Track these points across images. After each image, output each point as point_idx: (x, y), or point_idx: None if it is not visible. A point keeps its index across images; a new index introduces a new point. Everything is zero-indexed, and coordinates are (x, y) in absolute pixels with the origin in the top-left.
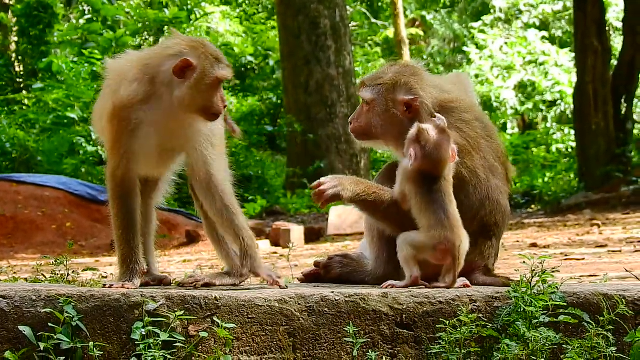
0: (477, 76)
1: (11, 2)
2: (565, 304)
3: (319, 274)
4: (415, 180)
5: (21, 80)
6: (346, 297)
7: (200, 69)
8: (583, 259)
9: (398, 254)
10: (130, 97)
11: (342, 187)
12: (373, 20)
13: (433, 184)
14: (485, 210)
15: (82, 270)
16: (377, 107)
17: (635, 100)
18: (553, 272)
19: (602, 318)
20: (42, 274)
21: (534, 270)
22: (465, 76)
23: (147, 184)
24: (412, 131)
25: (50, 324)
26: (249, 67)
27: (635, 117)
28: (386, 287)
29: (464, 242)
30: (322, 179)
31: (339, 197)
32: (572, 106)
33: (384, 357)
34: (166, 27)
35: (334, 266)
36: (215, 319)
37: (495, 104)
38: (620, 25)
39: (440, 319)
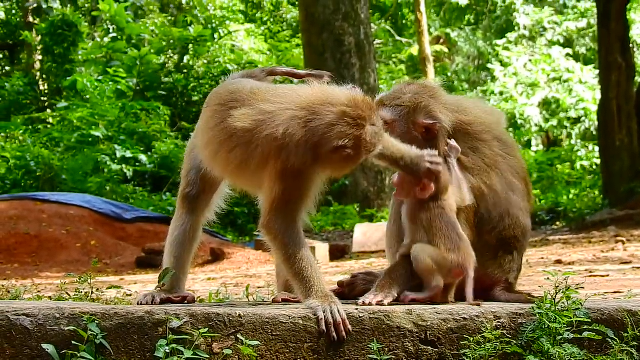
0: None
1: (36, 21)
2: (589, 321)
3: (343, 292)
4: (429, 207)
5: (46, 98)
6: (370, 313)
7: (358, 150)
8: (607, 275)
9: (416, 264)
10: (299, 162)
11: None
12: (397, 38)
13: (441, 208)
14: (504, 224)
15: (107, 289)
16: (398, 129)
17: None
18: (577, 288)
19: (626, 334)
20: (66, 292)
21: (557, 286)
22: (500, 114)
23: (201, 199)
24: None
25: (73, 342)
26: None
27: None
28: (409, 301)
29: (474, 259)
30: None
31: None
32: (596, 123)
33: None
34: (191, 45)
35: (358, 284)
36: (239, 336)
37: (519, 121)
38: None
39: (465, 336)
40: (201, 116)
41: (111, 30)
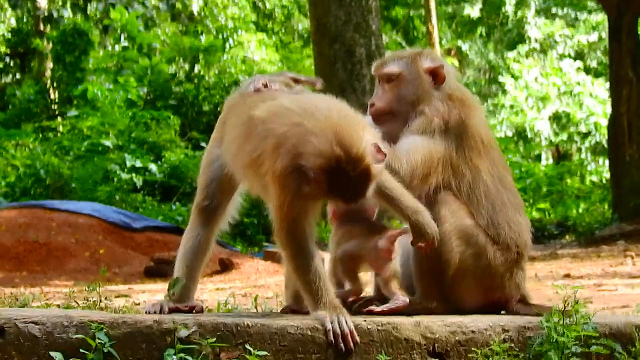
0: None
1: (47, 29)
2: (597, 335)
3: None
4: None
5: (56, 107)
6: (378, 325)
7: (315, 190)
8: (616, 289)
9: (335, 269)
10: (283, 168)
11: None
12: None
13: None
14: (514, 233)
15: (115, 297)
16: (408, 76)
17: None
18: (586, 302)
19: (633, 348)
20: (75, 301)
21: (566, 300)
22: None
23: (218, 212)
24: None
25: (81, 350)
26: None
27: None
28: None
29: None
30: None
31: None
32: (606, 137)
33: None
34: (201, 55)
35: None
36: (247, 346)
37: (529, 135)
38: None
39: (473, 348)
40: (231, 111)
41: (122, 39)
